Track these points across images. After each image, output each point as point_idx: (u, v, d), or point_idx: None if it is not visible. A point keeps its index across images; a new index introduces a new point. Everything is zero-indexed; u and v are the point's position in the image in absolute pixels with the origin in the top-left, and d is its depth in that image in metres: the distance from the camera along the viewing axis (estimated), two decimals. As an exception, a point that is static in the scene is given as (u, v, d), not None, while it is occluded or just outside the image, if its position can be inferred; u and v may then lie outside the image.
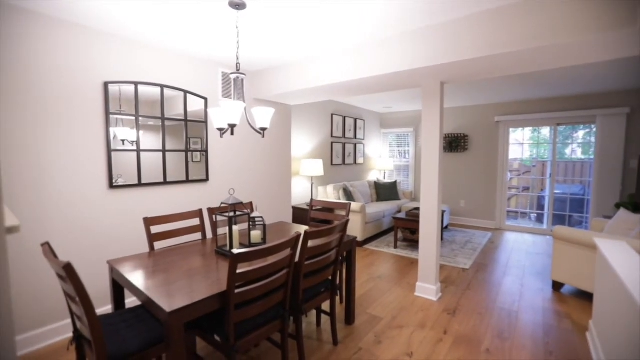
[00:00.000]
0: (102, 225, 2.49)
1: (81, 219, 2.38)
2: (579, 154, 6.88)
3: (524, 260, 4.07)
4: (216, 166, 3.33)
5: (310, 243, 1.89)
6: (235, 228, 2.04)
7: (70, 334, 2.34)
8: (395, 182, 6.23)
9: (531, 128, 5.68)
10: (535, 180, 6.76)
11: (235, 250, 1.41)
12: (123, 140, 2.61)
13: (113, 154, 2.52)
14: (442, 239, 4.96)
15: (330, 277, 2.21)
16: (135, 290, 1.50)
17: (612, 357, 1.87)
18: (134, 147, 2.65)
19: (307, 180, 5.07)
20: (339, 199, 5.01)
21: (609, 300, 1.96)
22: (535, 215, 6.52)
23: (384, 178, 6.93)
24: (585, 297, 3.01)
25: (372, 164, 6.89)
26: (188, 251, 2.09)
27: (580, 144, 6.07)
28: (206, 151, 3.22)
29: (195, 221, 2.81)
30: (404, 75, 2.65)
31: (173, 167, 2.95)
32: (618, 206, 4.69)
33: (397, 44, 2.51)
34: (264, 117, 2.08)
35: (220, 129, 2.08)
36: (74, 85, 2.30)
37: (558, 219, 5.48)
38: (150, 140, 2.77)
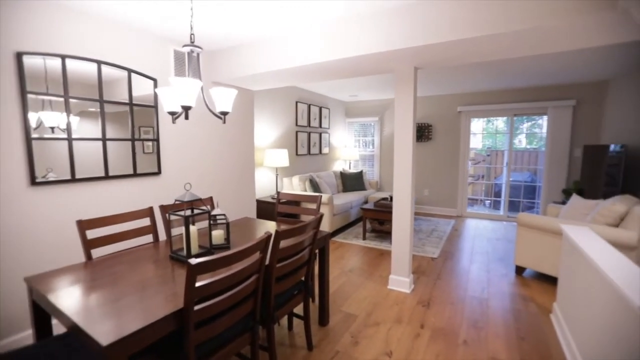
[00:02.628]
0: (22, 231, 2.04)
1: (-7, 224, 1.92)
2: (524, 144, 7.37)
3: (486, 246, 4.20)
4: (170, 157, 2.94)
5: (282, 243, 1.67)
6: (193, 228, 1.75)
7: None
8: (361, 172, 6.17)
9: (486, 119, 5.86)
10: (490, 168, 7.11)
11: (193, 260, 1.15)
12: (52, 128, 2.15)
13: (35, 143, 2.06)
14: (408, 228, 4.98)
15: (303, 278, 2.02)
16: (62, 316, 1.18)
17: (580, 336, 1.91)
18: (66, 136, 2.20)
19: (271, 172, 4.78)
20: (305, 190, 4.80)
21: (579, 283, 1.99)
22: (491, 201, 6.87)
23: (350, 168, 6.84)
24: (544, 279, 3.15)
25: (337, 154, 6.76)
26: (135, 258, 1.76)
27: (527, 134, 6.46)
28: (157, 140, 2.82)
29: (145, 221, 2.43)
30: (377, 59, 2.48)
31: (117, 159, 2.53)
32: (565, 192, 5.04)
33: (370, 24, 2.32)
34: (224, 99, 1.79)
35: (172, 113, 1.76)
36: (-26, 56, 1.81)
37: (512, 205, 5.79)
38: (90, 128, 2.33)
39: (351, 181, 6.02)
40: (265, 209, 4.24)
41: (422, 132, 6.11)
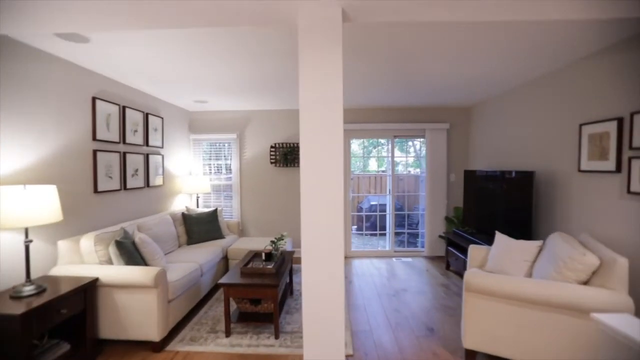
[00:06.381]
0: None
1: None
2: (375, 167, 7.32)
3: (401, 308, 3.10)
4: None
5: None
6: None
7: None
8: (216, 210, 4.26)
9: (360, 140, 5.09)
10: (353, 197, 6.55)
11: None
12: None
13: None
14: (292, 292, 3.43)
15: None
16: None
17: None
18: None
19: (19, 234, 2.26)
20: (109, 261, 2.53)
21: None
22: (357, 231, 6.24)
23: (198, 206, 4.78)
24: (503, 365, 2.20)
25: (177, 186, 4.58)
26: None
27: (377, 158, 6.24)
28: None
29: None
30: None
31: None
32: (448, 220, 4.71)
33: None
34: None
35: None
36: None
37: (397, 237, 5.18)
38: None
39: (201, 227, 4.01)
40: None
41: (295, 155, 4.81)
